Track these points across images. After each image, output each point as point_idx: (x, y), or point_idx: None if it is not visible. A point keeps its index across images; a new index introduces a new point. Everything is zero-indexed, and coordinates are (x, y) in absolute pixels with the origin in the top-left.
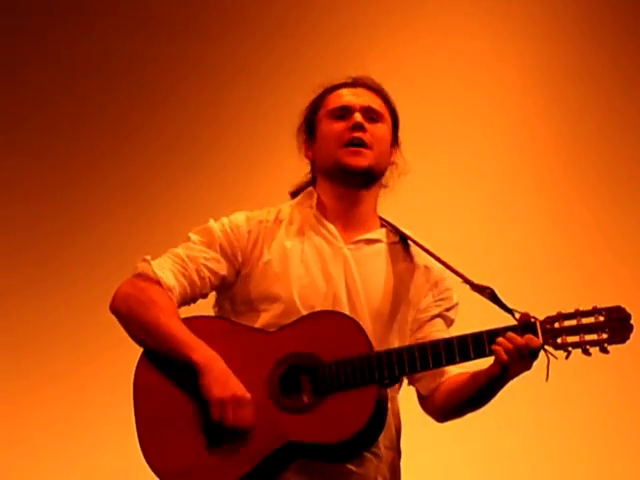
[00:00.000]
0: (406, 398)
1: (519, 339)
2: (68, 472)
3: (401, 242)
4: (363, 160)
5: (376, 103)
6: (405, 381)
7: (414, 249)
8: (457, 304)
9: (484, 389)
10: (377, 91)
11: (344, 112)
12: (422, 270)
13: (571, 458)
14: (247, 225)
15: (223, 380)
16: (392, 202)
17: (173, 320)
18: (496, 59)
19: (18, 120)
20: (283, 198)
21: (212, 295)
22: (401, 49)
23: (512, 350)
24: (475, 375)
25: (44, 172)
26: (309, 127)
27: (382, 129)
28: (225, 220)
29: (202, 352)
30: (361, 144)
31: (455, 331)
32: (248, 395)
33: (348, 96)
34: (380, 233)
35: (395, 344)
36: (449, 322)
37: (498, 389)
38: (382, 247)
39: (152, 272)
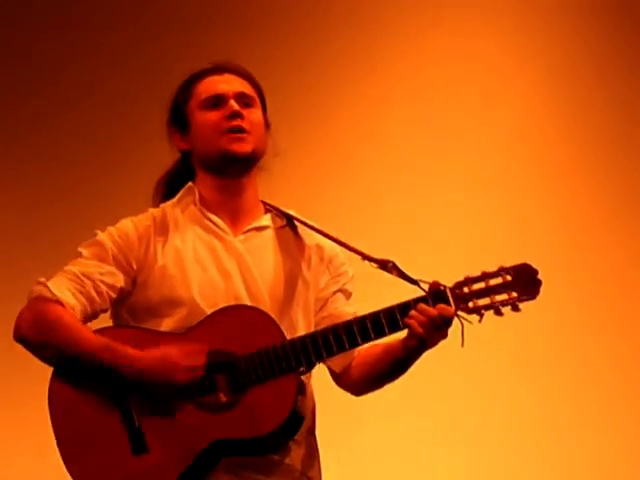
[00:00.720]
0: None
1: (431, 310)
2: None
3: (288, 225)
4: (246, 145)
5: (247, 88)
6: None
7: (302, 229)
8: (353, 277)
9: (402, 361)
10: (245, 75)
11: (218, 101)
12: (315, 249)
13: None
14: (136, 231)
15: (140, 356)
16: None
17: (83, 333)
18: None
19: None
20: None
21: None
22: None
23: (426, 322)
24: (389, 347)
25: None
26: (179, 118)
27: (256, 113)
28: (112, 229)
29: (111, 348)
30: (241, 130)
31: (364, 310)
32: (169, 350)
33: (219, 84)
34: (266, 219)
35: (303, 329)
36: (348, 295)
37: (415, 360)
38: (270, 233)
39: (50, 293)
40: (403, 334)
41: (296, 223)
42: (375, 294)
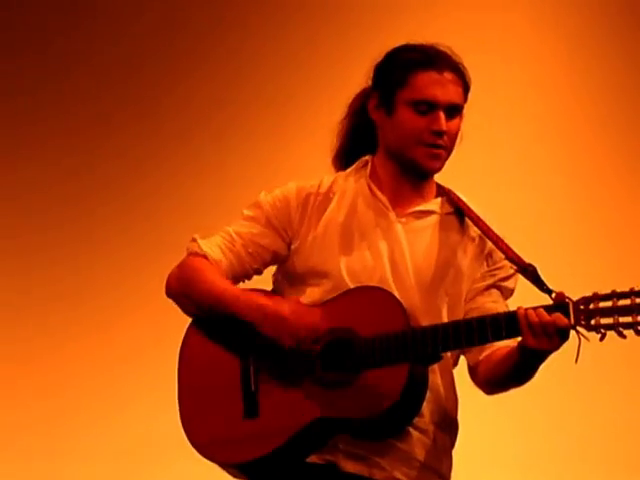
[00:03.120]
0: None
1: (546, 315)
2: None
3: (456, 212)
4: (439, 163)
5: (459, 95)
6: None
7: (469, 219)
8: (515, 274)
9: (519, 364)
10: (461, 76)
11: (429, 107)
12: (477, 241)
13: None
14: (297, 198)
15: (267, 313)
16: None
17: (217, 283)
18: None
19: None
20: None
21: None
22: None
23: (537, 324)
24: (513, 349)
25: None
26: (386, 94)
27: (458, 123)
28: (277, 192)
29: (246, 299)
30: (439, 147)
31: None
32: (294, 308)
33: (436, 88)
34: (435, 203)
35: (446, 319)
36: (507, 293)
37: (531, 365)
38: (435, 218)
39: (199, 248)
40: None
41: (465, 210)
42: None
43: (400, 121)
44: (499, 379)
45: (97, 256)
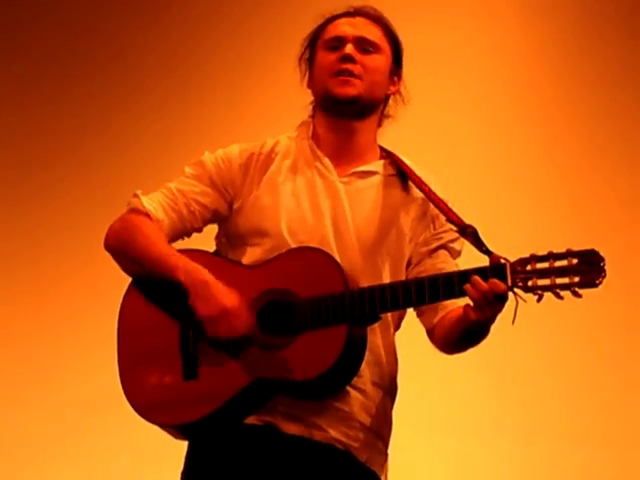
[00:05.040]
0: None
1: (483, 285)
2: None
3: (398, 174)
4: (351, 89)
5: (373, 34)
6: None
7: (412, 181)
8: (460, 237)
9: (469, 327)
10: (377, 20)
11: (338, 42)
12: (420, 202)
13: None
14: (239, 158)
15: (207, 295)
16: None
17: (158, 246)
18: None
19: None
20: (283, 130)
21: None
22: None
23: (478, 295)
24: (461, 313)
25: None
26: (310, 57)
27: (377, 59)
28: (220, 152)
29: (186, 269)
30: (349, 74)
31: None
32: (235, 304)
33: (344, 26)
34: (377, 165)
35: (388, 278)
36: (455, 253)
37: (482, 329)
38: (378, 179)
39: (141, 205)
40: None
41: (408, 173)
42: None
43: (316, 64)
44: (454, 341)
45: (35, 218)
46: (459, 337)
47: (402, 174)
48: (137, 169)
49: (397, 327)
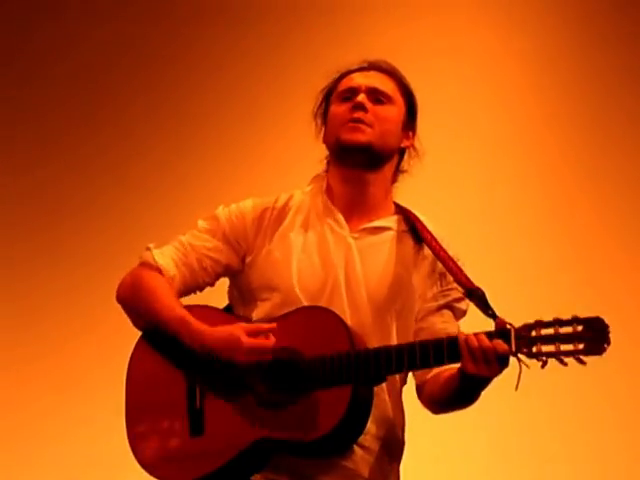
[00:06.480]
0: None
1: (487, 341)
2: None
3: (411, 230)
4: (361, 136)
5: (386, 85)
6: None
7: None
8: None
9: (460, 388)
10: (391, 74)
11: (350, 93)
12: (430, 260)
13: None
14: (253, 212)
15: (199, 336)
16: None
17: (161, 301)
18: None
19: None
20: (292, 182)
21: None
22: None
23: (477, 350)
24: (455, 373)
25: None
26: (324, 111)
27: (388, 110)
28: (233, 207)
29: (182, 321)
30: (360, 122)
31: None
32: (235, 334)
33: (357, 78)
34: (391, 220)
35: (397, 336)
36: (459, 313)
37: (472, 389)
38: (390, 235)
39: (153, 260)
40: None
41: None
42: None
43: (330, 116)
44: (443, 401)
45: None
46: (448, 396)
47: (415, 230)
48: (143, 228)
49: (404, 382)
